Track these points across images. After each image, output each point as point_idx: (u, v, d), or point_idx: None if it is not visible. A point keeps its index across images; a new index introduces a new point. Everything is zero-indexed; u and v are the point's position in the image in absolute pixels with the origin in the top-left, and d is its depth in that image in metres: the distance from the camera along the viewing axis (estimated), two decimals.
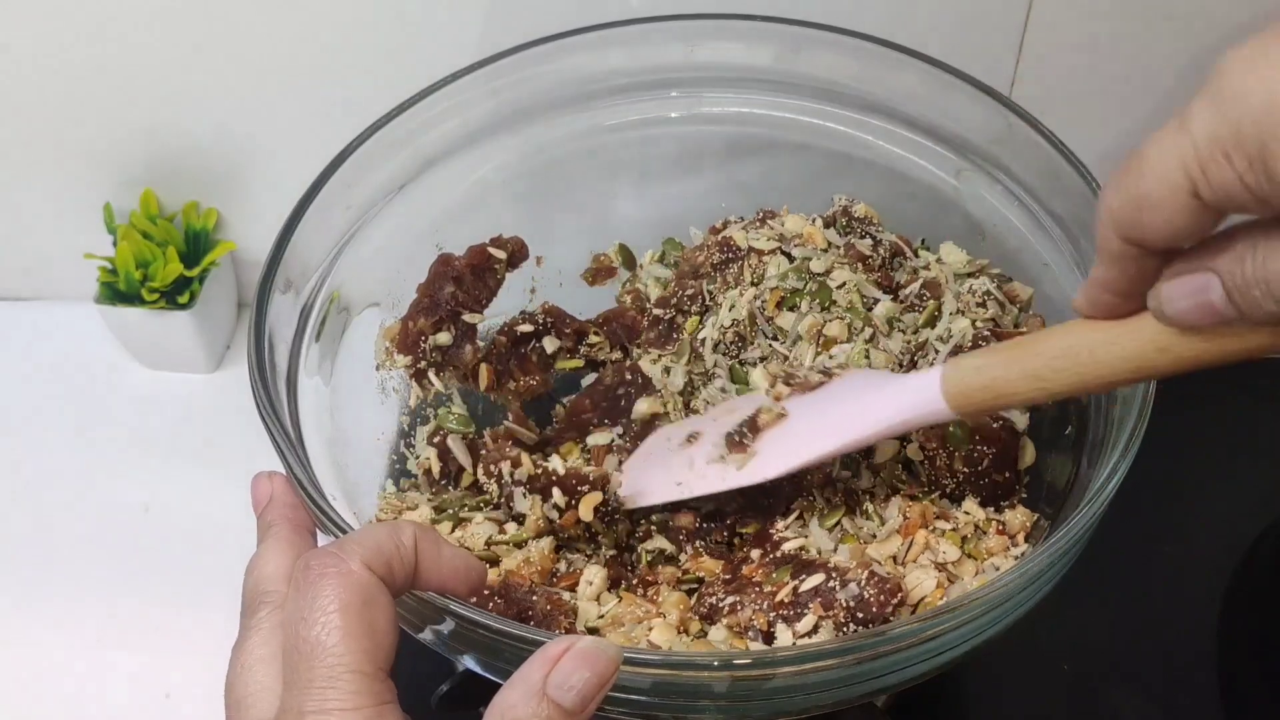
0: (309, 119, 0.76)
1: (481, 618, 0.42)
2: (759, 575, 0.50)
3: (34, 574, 0.73)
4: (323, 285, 0.59)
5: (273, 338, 0.54)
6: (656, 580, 0.53)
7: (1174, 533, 0.71)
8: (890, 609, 0.47)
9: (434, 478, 0.59)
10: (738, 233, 0.62)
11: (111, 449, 0.80)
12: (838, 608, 0.47)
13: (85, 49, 0.74)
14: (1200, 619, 0.68)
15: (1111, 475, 0.46)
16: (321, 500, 0.47)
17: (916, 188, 0.65)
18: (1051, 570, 0.45)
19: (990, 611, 0.44)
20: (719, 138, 0.69)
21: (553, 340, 0.63)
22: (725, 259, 0.61)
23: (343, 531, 0.46)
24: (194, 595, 0.71)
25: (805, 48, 0.64)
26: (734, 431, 0.53)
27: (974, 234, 0.64)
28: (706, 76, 0.67)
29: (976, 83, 0.61)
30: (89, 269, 0.79)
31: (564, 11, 0.67)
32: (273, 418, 0.49)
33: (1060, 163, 0.57)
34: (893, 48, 0.62)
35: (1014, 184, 0.61)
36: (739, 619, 0.49)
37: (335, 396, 0.59)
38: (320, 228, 0.58)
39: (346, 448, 0.58)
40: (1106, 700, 0.65)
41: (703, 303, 0.62)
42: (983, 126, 0.62)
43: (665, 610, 0.51)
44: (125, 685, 0.68)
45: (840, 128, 0.66)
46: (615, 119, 0.67)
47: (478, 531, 0.55)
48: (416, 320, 0.60)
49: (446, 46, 0.71)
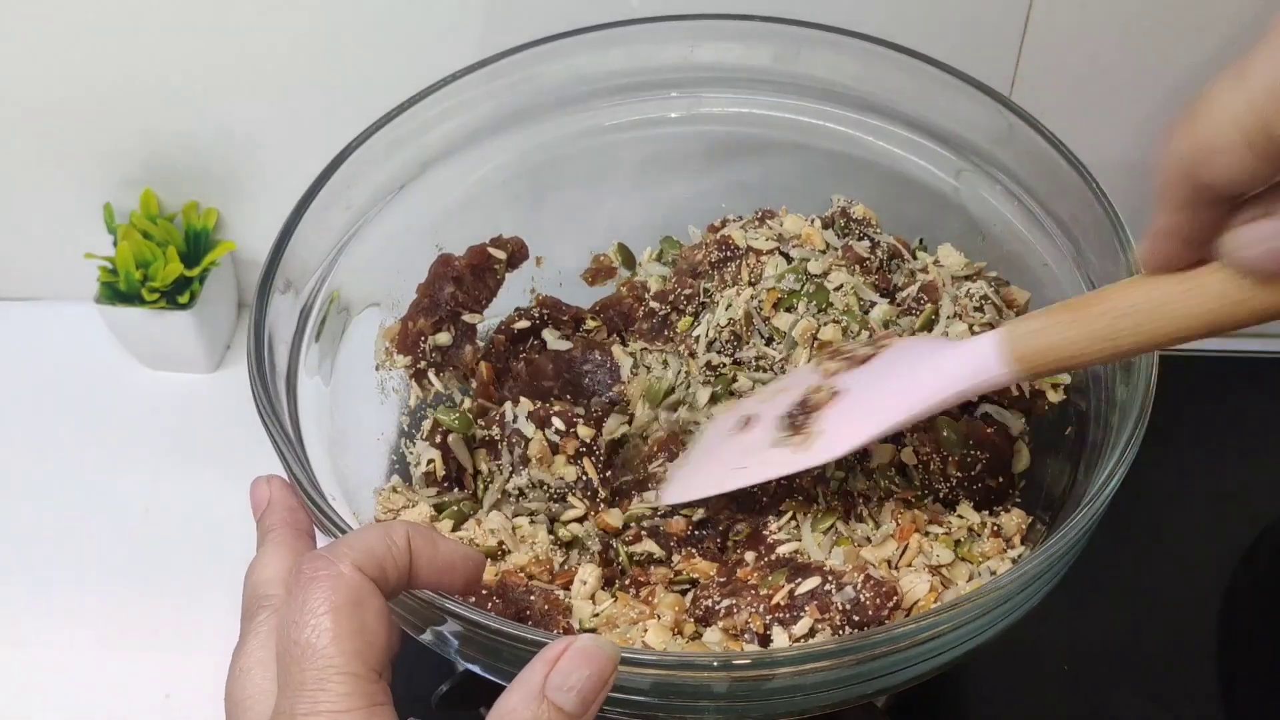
0: (309, 119, 0.76)
1: (480, 617, 0.42)
2: (754, 578, 0.50)
3: (34, 574, 0.73)
4: (322, 285, 0.59)
5: (272, 338, 0.54)
6: (650, 581, 0.53)
7: (1174, 532, 0.71)
8: (886, 612, 0.47)
9: (435, 479, 0.59)
10: (736, 232, 0.62)
11: (111, 449, 0.80)
12: (834, 611, 0.47)
13: (85, 49, 0.74)
14: (1200, 619, 0.68)
15: (1109, 479, 0.46)
16: (321, 501, 0.47)
17: (916, 188, 0.65)
18: (1049, 573, 0.45)
19: (989, 613, 0.44)
20: (719, 138, 0.68)
21: (552, 332, 0.63)
22: (723, 257, 0.61)
23: (342, 532, 0.46)
24: (194, 595, 0.71)
25: (805, 48, 0.64)
26: (788, 414, 0.52)
27: (974, 234, 0.64)
28: (706, 77, 0.67)
29: (976, 83, 0.61)
30: (89, 269, 0.79)
31: (567, 8, 0.67)
32: (272, 418, 0.49)
33: (1060, 163, 0.57)
34: (893, 48, 0.62)
35: (1014, 184, 0.61)
36: (734, 622, 0.49)
37: (335, 396, 0.59)
38: (320, 228, 0.58)
39: (346, 448, 0.58)
40: (1106, 700, 0.65)
41: (699, 302, 0.62)
42: (983, 127, 0.61)
43: (660, 611, 0.51)
44: (125, 685, 0.68)
45: (840, 128, 0.66)
46: (614, 119, 0.67)
47: (491, 520, 0.55)
48: (416, 320, 0.60)
49: (447, 46, 0.71)
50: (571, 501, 0.56)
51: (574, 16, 0.66)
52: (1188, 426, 0.71)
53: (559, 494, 0.57)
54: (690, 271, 0.63)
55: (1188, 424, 0.71)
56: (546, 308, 0.64)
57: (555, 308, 0.64)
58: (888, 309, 0.58)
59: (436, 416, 0.59)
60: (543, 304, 0.64)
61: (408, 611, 0.45)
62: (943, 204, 0.64)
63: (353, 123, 0.61)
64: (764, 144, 0.68)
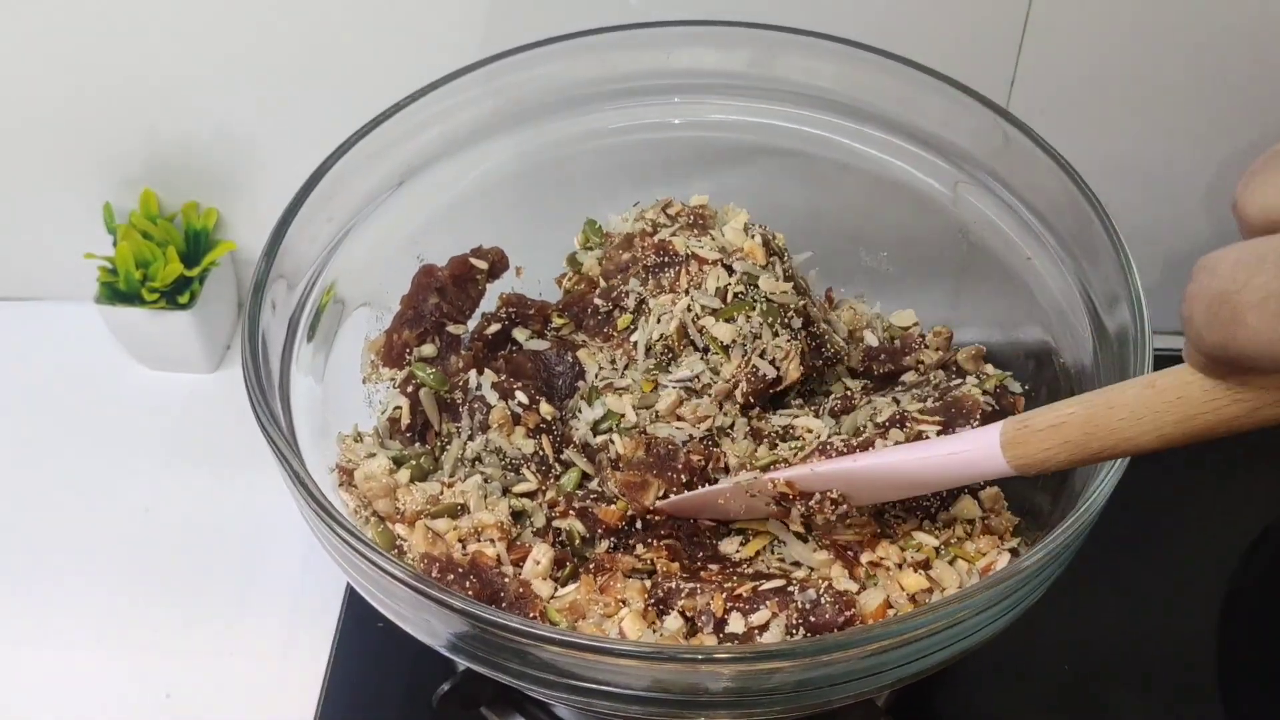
0: (309, 119, 0.76)
1: (460, 603, 0.43)
2: (718, 578, 0.51)
3: (34, 574, 0.73)
4: (315, 282, 0.59)
5: (266, 337, 0.54)
6: (614, 568, 0.53)
7: (1174, 533, 0.71)
8: (843, 620, 0.47)
9: (399, 428, 0.59)
10: (678, 239, 0.61)
11: (111, 449, 0.80)
12: (793, 609, 0.48)
13: (86, 49, 0.74)
14: (1200, 619, 0.68)
15: (1098, 490, 0.46)
16: (321, 497, 0.47)
17: (906, 194, 0.65)
18: (1026, 588, 0.45)
19: (978, 614, 0.44)
20: (707, 145, 0.68)
21: (522, 330, 0.63)
22: (661, 263, 0.60)
23: (342, 527, 0.46)
24: (194, 595, 0.71)
25: (784, 54, 0.64)
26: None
27: (958, 241, 0.63)
28: (689, 84, 0.66)
29: (970, 90, 0.60)
30: (89, 269, 0.79)
31: (569, 4, 0.67)
32: (269, 419, 0.49)
33: (1059, 175, 0.57)
34: (885, 55, 0.62)
35: (1010, 194, 0.61)
36: (694, 603, 0.49)
37: (328, 392, 0.59)
38: (312, 228, 0.58)
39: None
40: (1106, 700, 0.65)
41: (637, 302, 0.61)
42: (979, 136, 0.61)
43: (629, 598, 0.51)
44: (125, 685, 0.68)
45: (828, 135, 0.65)
46: (616, 123, 0.67)
47: (467, 485, 0.55)
48: (401, 332, 0.60)
49: (447, 47, 0.71)
50: (525, 474, 0.56)
51: (578, 14, 0.66)
52: None
53: (514, 464, 0.57)
54: (618, 271, 0.62)
55: None
56: (512, 305, 0.64)
57: (520, 304, 0.64)
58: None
59: (413, 369, 0.59)
60: (507, 303, 0.64)
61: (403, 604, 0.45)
62: (933, 210, 0.64)
63: (352, 123, 0.61)
64: (752, 151, 0.67)
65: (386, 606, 0.48)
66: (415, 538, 0.53)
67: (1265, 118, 0.73)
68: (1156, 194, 0.78)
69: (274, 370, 0.54)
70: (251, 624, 0.69)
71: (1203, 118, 0.74)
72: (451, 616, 0.44)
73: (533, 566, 0.52)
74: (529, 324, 0.63)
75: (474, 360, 0.61)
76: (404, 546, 0.53)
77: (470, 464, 0.57)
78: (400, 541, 0.53)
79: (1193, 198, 0.78)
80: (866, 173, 0.65)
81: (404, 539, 0.53)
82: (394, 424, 0.59)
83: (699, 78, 0.66)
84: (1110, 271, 0.53)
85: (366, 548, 0.44)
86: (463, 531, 0.53)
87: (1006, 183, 0.61)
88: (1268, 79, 0.71)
